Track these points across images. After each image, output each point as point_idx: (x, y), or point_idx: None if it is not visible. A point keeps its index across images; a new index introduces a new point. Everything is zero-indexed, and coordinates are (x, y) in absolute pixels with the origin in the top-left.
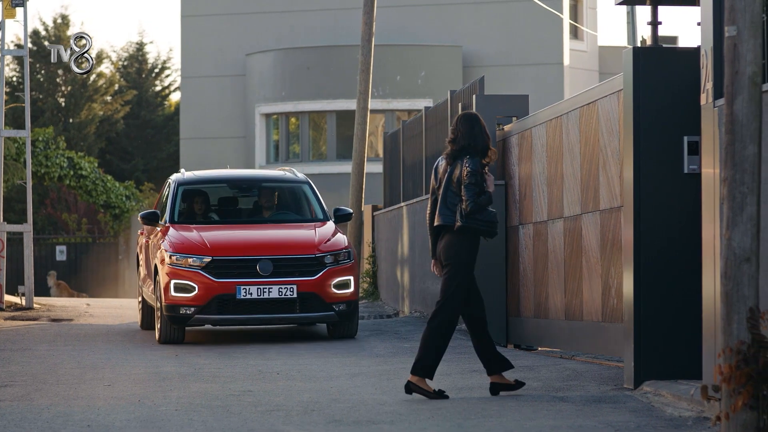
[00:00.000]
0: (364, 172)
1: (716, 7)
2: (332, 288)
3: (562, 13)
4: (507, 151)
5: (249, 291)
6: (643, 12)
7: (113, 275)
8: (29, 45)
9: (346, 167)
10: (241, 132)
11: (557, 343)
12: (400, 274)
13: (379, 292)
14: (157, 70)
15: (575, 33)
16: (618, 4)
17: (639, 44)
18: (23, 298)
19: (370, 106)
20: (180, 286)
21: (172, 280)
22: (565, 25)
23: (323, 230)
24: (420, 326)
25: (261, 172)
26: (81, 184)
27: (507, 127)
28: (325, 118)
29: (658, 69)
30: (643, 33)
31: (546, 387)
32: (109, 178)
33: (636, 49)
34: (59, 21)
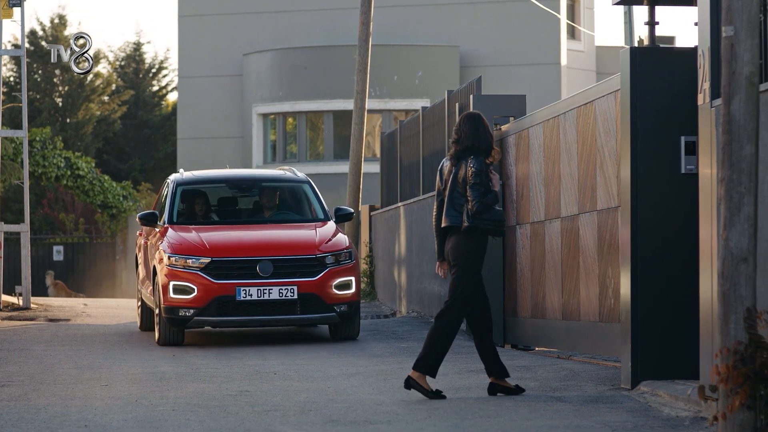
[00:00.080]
0: (362, 172)
1: (713, 7)
2: (333, 289)
3: (559, 13)
4: (504, 152)
5: (249, 292)
6: (641, 12)
7: (110, 275)
8: (26, 45)
9: (344, 167)
10: (238, 132)
11: (554, 343)
12: (397, 274)
13: (377, 292)
14: (154, 70)
15: (572, 33)
16: (615, 4)
17: (636, 44)
18: (20, 298)
19: (367, 106)
20: (179, 287)
21: (171, 282)
22: (563, 25)
23: (324, 230)
24: (417, 326)
25: (261, 172)
26: (78, 184)
27: (504, 128)
28: (323, 118)
29: (656, 69)
30: (641, 33)
31: (543, 387)
32: (107, 178)
33: (633, 49)
34: (56, 21)
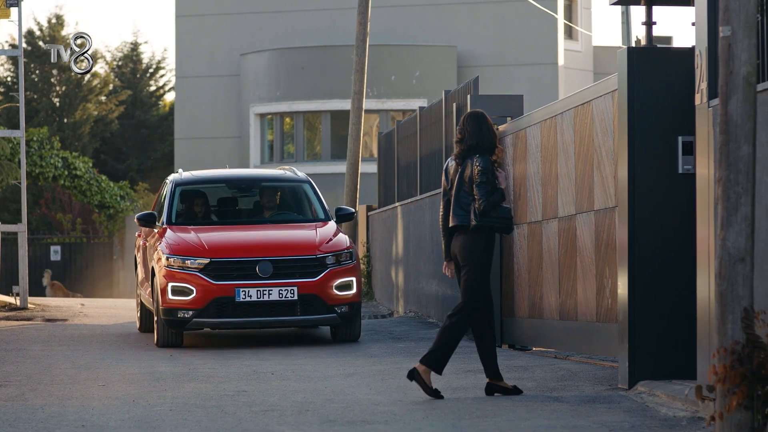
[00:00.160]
0: (359, 172)
1: (711, 7)
2: (334, 289)
3: (556, 13)
4: None
5: (248, 293)
6: (638, 12)
7: (108, 275)
8: (24, 45)
9: (341, 167)
10: (235, 132)
11: (552, 343)
12: (394, 274)
13: (374, 292)
14: (151, 70)
15: (570, 33)
16: (612, 4)
17: (633, 44)
18: (17, 298)
19: (364, 106)
20: (177, 288)
21: (170, 283)
22: (560, 25)
23: (324, 230)
24: (415, 326)
25: (261, 172)
26: (75, 184)
27: (501, 128)
28: (320, 118)
29: (653, 69)
30: (638, 33)
31: (540, 387)
32: (104, 178)
33: (630, 50)
34: (54, 21)
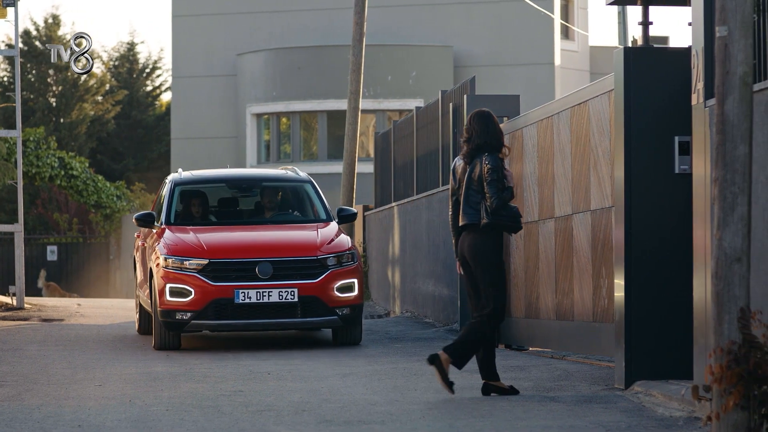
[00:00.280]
0: (355, 172)
1: (707, 7)
2: (335, 291)
3: (553, 13)
4: None
5: (248, 295)
6: (634, 12)
7: (104, 275)
8: (20, 45)
9: (337, 167)
10: (232, 132)
11: (548, 343)
12: (391, 274)
13: (370, 292)
14: (148, 70)
15: (566, 33)
16: (609, 4)
17: (630, 44)
18: (14, 298)
19: (361, 106)
20: (176, 290)
21: (168, 284)
22: (556, 25)
23: (326, 231)
24: (411, 326)
25: (261, 172)
26: (72, 184)
27: None
28: (316, 118)
29: (649, 69)
30: (634, 33)
31: (537, 387)
32: (100, 178)
33: (627, 49)
34: (50, 21)
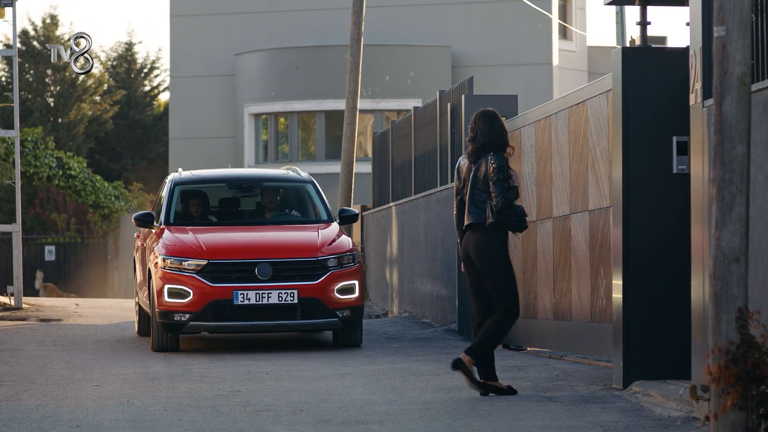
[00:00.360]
0: (353, 172)
1: (705, 7)
2: (335, 293)
3: (551, 13)
4: None
5: (247, 296)
6: (632, 12)
7: (102, 275)
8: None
9: (335, 167)
10: (230, 132)
11: (546, 343)
12: (389, 274)
13: (368, 292)
14: (146, 70)
15: (564, 33)
16: (607, 4)
17: (628, 44)
18: (12, 298)
19: (359, 106)
20: (174, 291)
21: (166, 285)
22: (554, 25)
23: (327, 232)
24: (409, 326)
25: (262, 172)
26: (70, 184)
27: None
28: (314, 118)
29: (647, 69)
30: (632, 33)
31: (535, 387)
32: (98, 178)
33: (625, 49)
34: (48, 21)
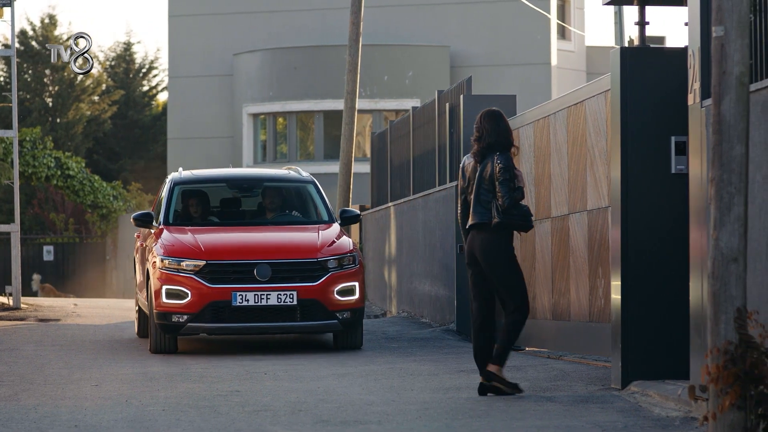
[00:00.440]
0: (352, 172)
1: (704, 7)
2: (335, 294)
3: (549, 13)
4: None
5: (245, 297)
6: (631, 12)
7: (100, 275)
8: (17, 45)
9: (334, 167)
10: (228, 132)
11: (545, 343)
12: (387, 274)
13: (367, 292)
14: (144, 70)
15: (563, 33)
16: (605, 4)
17: (626, 44)
18: (10, 298)
19: (357, 106)
20: (172, 292)
21: (164, 286)
22: (553, 25)
23: (327, 233)
24: (408, 326)
25: (263, 171)
26: (68, 184)
27: None
28: (313, 118)
29: (646, 69)
30: (631, 33)
31: (533, 387)
32: (97, 178)
33: (623, 49)
34: (47, 21)
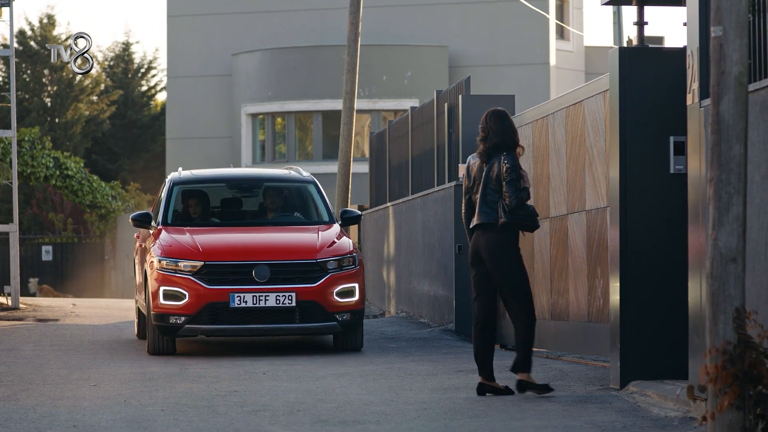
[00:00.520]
0: (350, 172)
1: (702, 7)
2: (335, 296)
3: (548, 13)
4: None
5: (244, 299)
6: (630, 12)
7: (99, 275)
8: (15, 45)
9: (332, 167)
10: (227, 132)
11: (543, 343)
12: (386, 274)
13: (366, 292)
14: (143, 70)
15: (561, 33)
16: (604, 4)
17: (625, 44)
18: (9, 298)
19: (356, 106)
20: (169, 293)
21: (161, 287)
22: (551, 25)
23: (327, 233)
24: (406, 326)
25: (263, 171)
26: (67, 184)
27: None
28: (312, 118)
29: (644, 69)
30: (630, 33)
31: None
32: (95, 178)
33: (622, 49)
34: (45, 21)
